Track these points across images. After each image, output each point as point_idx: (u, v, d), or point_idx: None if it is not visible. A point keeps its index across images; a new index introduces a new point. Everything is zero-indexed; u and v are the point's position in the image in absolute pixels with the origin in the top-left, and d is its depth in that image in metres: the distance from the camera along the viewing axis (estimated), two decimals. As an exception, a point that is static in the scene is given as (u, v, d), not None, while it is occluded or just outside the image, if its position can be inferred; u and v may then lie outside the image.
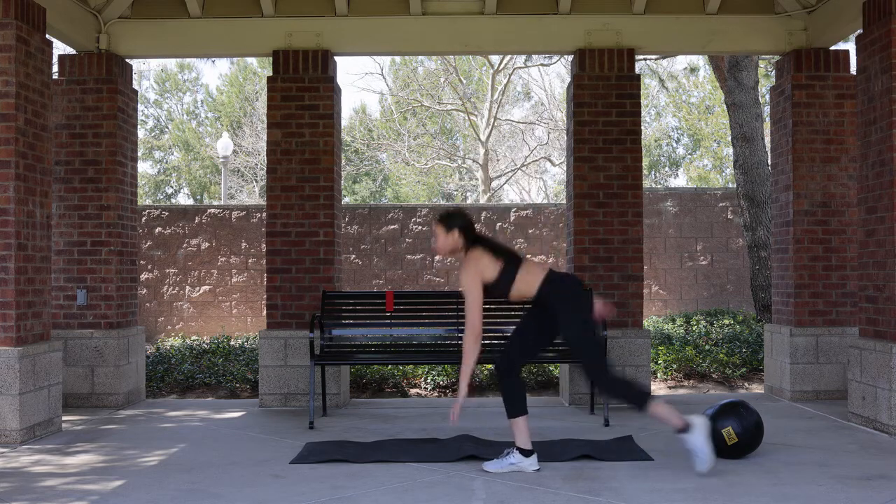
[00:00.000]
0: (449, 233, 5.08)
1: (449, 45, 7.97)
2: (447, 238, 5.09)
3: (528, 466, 4.97)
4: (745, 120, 10.56)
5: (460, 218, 5.12)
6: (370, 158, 29.56)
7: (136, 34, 7.65)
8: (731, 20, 7.64)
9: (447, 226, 5.09)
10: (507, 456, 5.00)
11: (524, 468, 4.96)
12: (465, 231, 5.09)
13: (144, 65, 31.03)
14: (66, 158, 7.47)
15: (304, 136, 7.53)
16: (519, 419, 5.01)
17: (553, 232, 12.85)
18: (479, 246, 5.05)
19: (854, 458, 5.26)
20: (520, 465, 4.97)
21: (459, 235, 5.08)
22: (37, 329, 6.17)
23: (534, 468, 4.97)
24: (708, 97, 28.21)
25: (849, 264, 7.57)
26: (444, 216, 5.14)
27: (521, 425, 5.01)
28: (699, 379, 8.97)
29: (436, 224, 5.17)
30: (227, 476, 4.92)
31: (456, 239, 5.08)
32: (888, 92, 5.97)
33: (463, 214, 5.16)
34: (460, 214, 5.15)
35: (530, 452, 5.00)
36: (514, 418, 5.01)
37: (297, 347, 7.43)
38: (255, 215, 12.87)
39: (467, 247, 5.07)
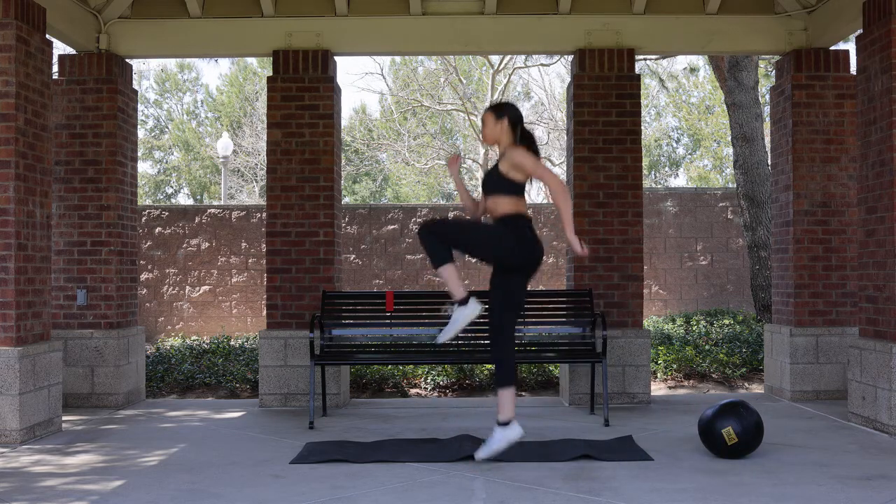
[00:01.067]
0: (498, 121, 5.12)
1: (449, 45, 7.97)
2: (495, 126, 5.13)
3: (512, 435, 5.02)
4: (745, 120, 10.56)
5: (512, 109, 5.15)
6: (370, 158, 29.56)
7: (136, 34, 7.65)
8: (731, 20, 7.64)
9: (497, 114, 5.13)
10: (490, 439, 5.07)
11: (510, 438, 5.02)
12: (515, 124, 5.12)
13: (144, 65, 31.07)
14: (66, 158, 7.47)
15: (304, 136, 7.53)
16: (509, 390, 5.05)
17: (553, 232, 12.85)
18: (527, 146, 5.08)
19: (854, 458, 5.26)
20: (505, 437, 5.02)
21: (508, 126, 5.11)
22: (37, 329, 6.17)
23: (518, 433, 5.03)
24: (708, 97, 28.22)
25: (849, 264, 7.57)
26: (496, 104, 5.19)
27: (510, 395, 5.05)
28: (699, 379, 8.97)
29: (486, 112, 5.19)
30: (227, 476, 4.92)
31: (504, 128, 5.12)
32: (888, 92, 5.97)
33: (514, 106, 5.18)
34: (512, 106, 5.18)
35: (508, 421, 5.04)
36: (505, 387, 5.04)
37: (297, 347, 7.43)
38: (255, 215, 12.87)
39: (513, 141, 5.10)
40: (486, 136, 5.18)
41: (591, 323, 6.86)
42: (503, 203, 5.10)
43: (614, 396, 7.39)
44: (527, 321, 7.01)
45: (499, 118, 5.13)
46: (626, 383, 7.44)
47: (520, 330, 7.12)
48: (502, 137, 5.14)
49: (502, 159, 5.10)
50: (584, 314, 6.99)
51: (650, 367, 8.18)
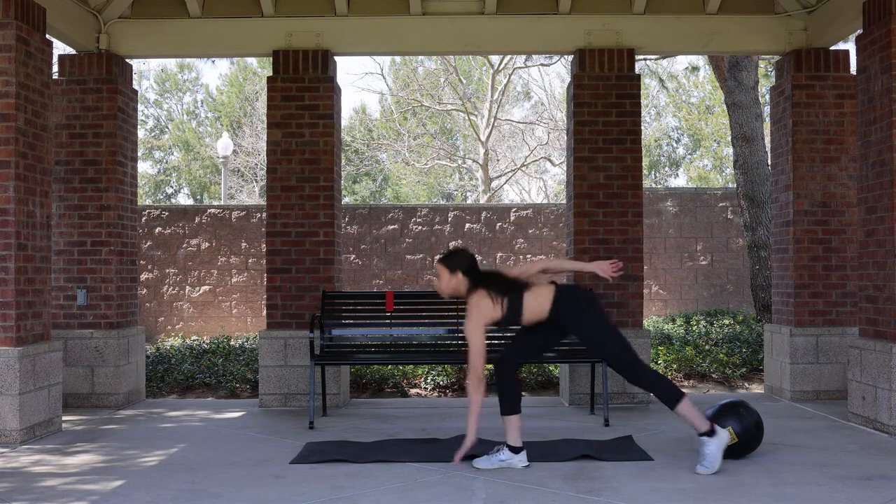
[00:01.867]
0: (452, 274, 5.08)
1: (449, 45, 7.97)
2: (451, 279, 5.08)
3: (517, 463, 5.01)
4: (745, 120, 10.56)
5: (463, 259, 5.10)
6: (370, 158, 29.56)
7: (136, 34, 7.65)
8: (731, 20, 7.64)
9: (450, 267, 5.08)
10: (497, 453, 5.04)
11: (514, 464, 5.00)
12: (469, 273, 5.07)
13: (144, 65, 31.05)
14: (66, 158, 7.47)
15: (304, 136, 7.53)
16: (512, 417, 5.04)
17: (553, 232, 12.85)
18: (480, 288, 5.01)
19: (854, 458, 5.26)
20: (509, 461, 5.01)
21: (463, 277, 5.06)
22: (37, 329, 6.17)
23: (523, 464, 5.01)
24: (708, 97, 28.22)
25: (849, 264, 7.57)
26: (447, 256, 5.13)
27: (514, 423, 5.04)
28: (699, 379, 8.97)
29: (438, 265, 5.13)
30: (227, 476, 4.92)
31: (460, 280, 5.07)
32: (888, 92, 5.97)
33: (466, 254, 5.13)
34: (463, 255, 5.13)
35: (520, 449, 5.03)
36: (507, 416, 5.04)
37: (297, 347, 7.43)
38: (255, 215, 12.87)
39: (471, 288, 5.04)
40: (443, 289, 5.13)
41: (591, 323, 6.85)
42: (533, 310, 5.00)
43: (614, 396, 7.39)
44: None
45: (452, 272, 5.07)
46: (626, 383, 7.43)
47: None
48: (460, 288, 5.09)
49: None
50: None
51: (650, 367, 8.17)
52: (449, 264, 5.09)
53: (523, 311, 5.00)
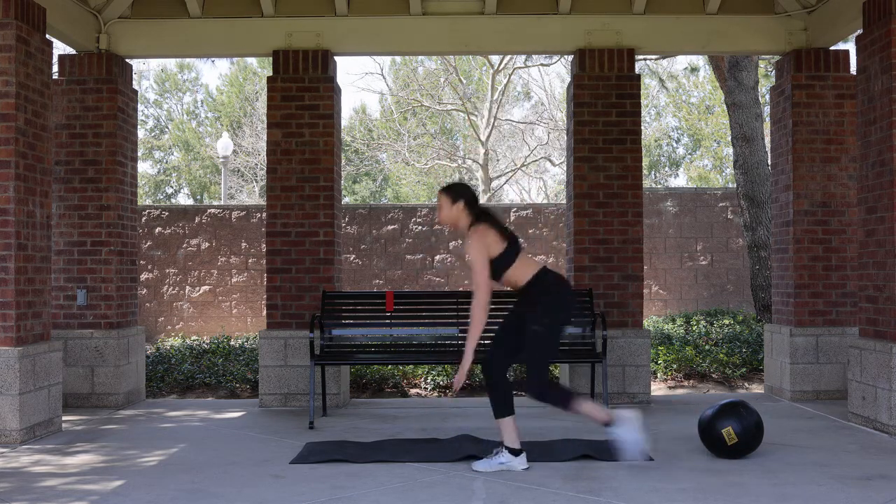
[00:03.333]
0: (454, 204, 5.10)
1: (449, 45, 7.97)
2: (452, 209, 5.11)
3: (517, 465, 4.98)
4: (745, 120, 10.56)
5: (465, 189, 5.14)
6: (370, 158, 29.56)
7: (136, 34, 7.65)
8: (731, 20, 7.64)
9: (452, 196, 5.11)
10: (496, 455, 5.01)
11: (514, 467, 4.97)
12: (470, 204, 5.10)
13: (144, 65, 31.05)
14: (66, 158, 7.47)
15: (304, 136, 7.53)
16: (507, 419, 5.01)
17: (553, 232, 12.85)
18: (485, 221, 5.04)
19: (854, 458, 5.26)
20: (509, 464, 4.98)
21: (464, 207, 5.09)
22: (37, 329, 6.17)
23: (523, 467, 4.98)
24: (708, 97, 28.21)
25: (849, 264, 7.57)
26: (450, 187, 5.17)
27: (509, 425, 5.01)
28: (699, 379, 8.97)
29: (440, 194, 5.17)
30: (227, 476, 4.92)
31: (461, 210, 5.10)
32: (888, 92, 5.97)
33: (467, 186, 5.19)
34: (465, 186, 5.18)
35: (519, 451, 5.01)
36: (501, 419, 5.02)
37: (297, 347, 7.43)
38: (255, 215, 12.87)
39: (472, 220, 5.07)
40: (443, 218, 5.15)
41: (591, 323, 6.86)
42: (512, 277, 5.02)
43: (614, 396, 7.39)
44: (527, 321, 7.01)
45: (454, 201, 5.10)
46: (626, 383, 7.44)
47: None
48: (460, 219, 5.11)
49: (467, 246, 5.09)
50: (584, 314, 6.98)
51: (650, 367, 8.18)
52: (451, 193, 5.12)
53: (511, 267, 4.98)
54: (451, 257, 12.80)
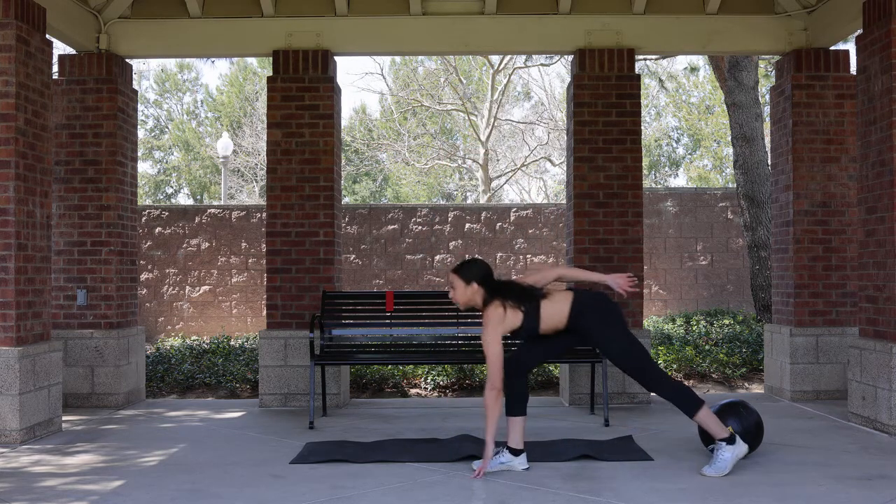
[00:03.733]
0: (468, 286, 4.95)
1: (449, 45, 7.96)
2: (465, 290, 4.95)
3: (518, 465, 4.98)
4: (745, 120, 10.56)
5: (477, 268, 4.98)
6: (370, 158, 29.56)
7: (136, 34, 7.65)
8: (731, 20, 7.64)
9: (465, 278, 4.95)
10: (497, 455, 5.00)
11: (514, 467, 4.97)
12: (484, 283, 4.95)
13: (144, 65, 31.05)
14: (66, 158, 7.47)
15: (304, 136, 7.53)
16: (517, 418, 5.01)
17: (553, 232, 12.85)
18: (497, 298, 4.90)
19: (854, 458, 5.26)
20: (510, 463, 4.98)
21: (478, 287, 4.95)
22: (37, 329, 6.17)
23: (523, 467, 4.98)
24: (708, 97, 28.21)
25: (849, 264, 7.57)
26: (462, 267, 5.00)
27: (518, 425, 5.01)
28: (699, 379, 8.97)
29: (453, 275, 5.01)
30: (227, 476, 4.92)
31: (475, 290, 4.95)
32: (888, 92, 5.97)
33: (480, 264, 5.01)
34: (478, 265, 5.00)
35: (520, 451, 5.01)
36: (512, 416, 5.01)
37: (297, 347, 7.43)
38: (255, 215, 12.87)
39: (487, 299, 4.94)
40: (458, 300, 5.01)
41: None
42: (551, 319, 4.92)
43: (614, 396, 7.39)
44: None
45: (468, 283, 4.95)
46: (626, 383, 7.44)
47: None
48: (476, 298, 4.97)
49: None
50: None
51: (650, 367, 8.17)
52: (463, 275, 4.96)
53: (541, 321, 4.90)
54: (451, 257, 12.79)
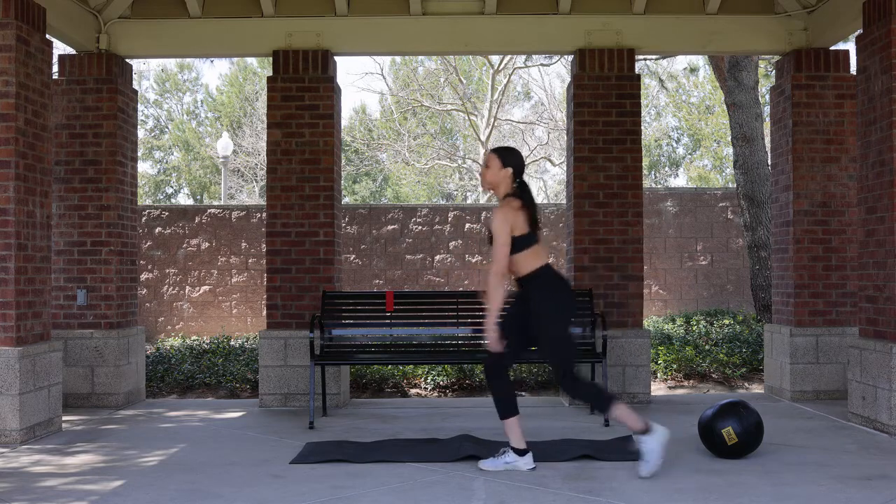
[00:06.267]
0: (503, 168, 5.01)
1: (449, 45, 7.97)
2: (499, 172, 5.01)
3: (523, 465, 4.99)
4: (745, 120, 10.56)
5: (518, 158, 5.06)
6: (370, 158, 29.56)
7: (136, 34, 7.65)
8: (731, 20, 7.64)
9: (503, 160, 5.02)
10: (502, 455, 5.02)
11: (519, 467, 4.98)
12: (517, 174, 5.03)
13: (144, 65, 31.04)
14: (66, 158, 7.47)
15: (304, 136, 7.53)
16: (511, 419, 5.02)
17: (553, 232, 12.85)
18: (521, 199, 4.97)
19: (854, 458, 5.26)
20: (515, 464, 4.99)
21: (511, 175, 5.02)
22: (37, 329, 6.17)
23: (529, 467, 4.99)
24: (708, 97, 28.21)
25: (849, 264, 7.57)
26: (504, 149, 5.09)
27: (514, 425, 5.02)
28: (699, 379, 8.97)
29: (492, 153, 5.07)
30: (227, 476, 4.92)
31: (507, 175, 5.01)
32: (888, 92, 5.97)
33: (521, 156, 5.10)
34: (519, 155, 5.09)
35: (525, 451, 5.02)
36: (506, 419, 5.02)
37: (297, 347, 7.43)
38: (255, 215, 12.87)
39: (510, 191, 5.01)
40: (487, 178, 5.06)
41: (591, 323, 6.87)
42: (521, 261, 4.97)
43: (614, 396, 7.39)
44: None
45: (504, 165, 5.01)
46: (626, 383, 7.44)
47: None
48: (501, 185, 5.04)
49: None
50: (583, 314, 6.98)
51: (650, 367, 8.18)
52: (503, 156, 5.03)
53: (523, 252, 4.93)
54: (451, 257, 12.79)
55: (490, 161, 5.06)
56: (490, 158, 5.07)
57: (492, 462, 5.02)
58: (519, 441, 5.02)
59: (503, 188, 5.04)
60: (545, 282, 4.97)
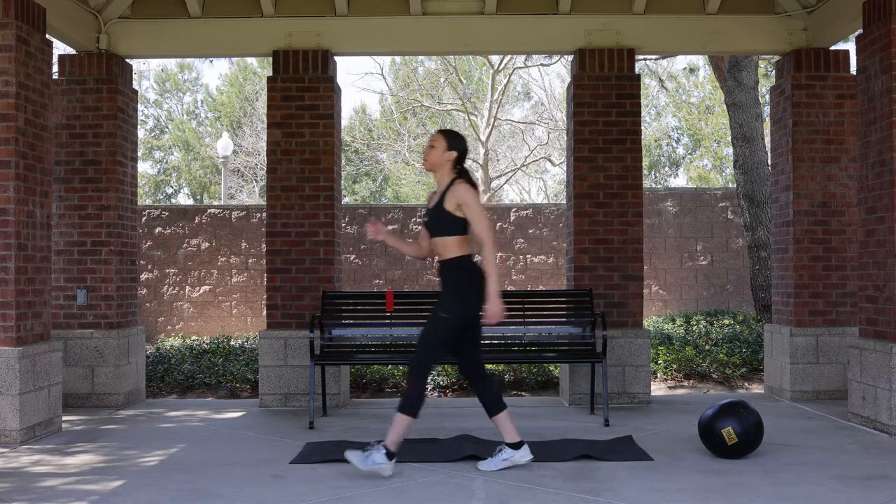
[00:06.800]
0: (448, 151, 5.04)
1: (449, 45, 7.97)
2: (443, 154, 5.03)
3: (520, 458, 5.00)
4: (745, 120, 10.56)
5: (464, 144, 5.10)
6: (370, 158, 29.55)
7: (136, 34, 7.65)
8: (731, 20, 7.64)
9: (449, 143, 5.05)
10: (499, 453, 5.03)
11: (518, 460, 4.99)
12: (460, 159, 5.07)
13: (144, 65, 31.02)
14: (66, 158, 7.47)
15: (304, 136, 7.53)
16: (500, 416, 5.03)
17: (553, 232, 12.85)
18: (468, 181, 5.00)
19: (854, 458, 5.26)
20: (513, 458, 4.99)
21: (454, 159, 5.04)
22: (37, 329, 6.17)
23: (527, 458, 5.00)
24: (708, 97, 28.20)
25: (849, 264, 7.57)
26: (451, 133, 5.13)
27: (504, 420, 5.02)
28: (699, 379, 8.97)
29: (439, 134, 5.11)
30: (227, 476, 4.92)
31: (451, 158, 5.04)
32: (888, 92, 5.97)
33: (466, 143, 5.13)
34: (465, 141, 5.12)
35: (520, 444, 5.02)
36: (494, 416, 5.03)
37: (297, 347, 7.43)
38: (255, 215, 12.86)
39: (453, 175, 5.03)
40: (432, 159, 5.06)
41: (591, 323, 6.87)
42: (452, 245, 4.99)
43: (614, 396, 7.39)
44: (527, 321, 7.02)
45: (450, 147, 5.05)
46: (626, 383, 7.44)
47: (520, 330, 7.13)
48: (444, 167, 5.06)
49: (448, 195, 4.99)
50: (584, 314, 6.99)
51: (650, 367, 8.18)
52: (450, 139, 5.07)
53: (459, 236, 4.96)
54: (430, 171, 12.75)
55: (436, 141, 5.09)
56: (436, 139, 5.10)
57: (491, 462, 5.02)
58: (513, 435, 5.02)
59: (444, 171, 5.06)
60: (465, 273, 4.96)
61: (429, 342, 4.96)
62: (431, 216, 5.07)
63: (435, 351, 4.98)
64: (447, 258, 5.01)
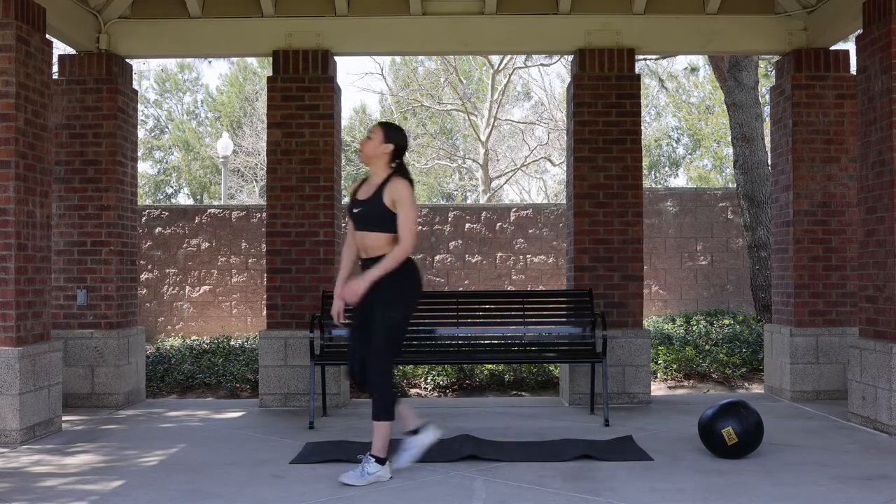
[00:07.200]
0: (385, 143, 4.96)
1: (449, 45, 7.96)
2: (380, 146, 4.95)
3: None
4: (745, 120, 10.56)
5: (402, 138, 5.03)
6: (370, 158, 29.49)
7: (136, 34, 7.65)
8: (731, 20, 7.64)
9: (387, 135, 4.98)
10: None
11: (381, 477, 4.73)
12: (397, 153, 5.00)
13: (144, 65, 31.03)
14: (66, 158, 7.47)
15: (304, 136, 7.53)
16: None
17: (553, 232, 12.85)
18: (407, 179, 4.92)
19: (854, 458, 5.26)
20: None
21: (390, 153, 4.97)
22: (37, 329, 6.17)
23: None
24: (708, 97, 28.21)
25: (849, 264, 7.57)
26: (390, 125, 5.06)
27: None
28: (699, 379, 8.97)
29: (378, 127, 5.04)
30: (227, 476, 4.92)
31: (386, 152, 4.96)
32: (888, 92, 5.97)
33: (406, 137, 5.07)
34: (404, 136, 5.06)
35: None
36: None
37: (297, 347, 7.43)
38: (255, 215, 12.87)
39: (390, 169, 4.96)
40: (368, 150, 4.98)
41: (591, 323, 6.87)
42: (384, 241, 4.89)
43: (614, 396, 7.39)
44: (527, 321, 7.02)
45: (387, 140, 4.96)
46: (626, 383, 7.44)
47: (520, 330, 7.13)
48: (380, 160, 4.97)
49: (385, 190, 4.87)
50: (584, 314, 6.99)
51: (650, 367, 8.18)
52: (388, 132, 4.99)
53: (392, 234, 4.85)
54: (451, 257, 12.79)
55: (374, 133, 5.02)
56: (374, 131, 5.03)
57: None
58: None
59: (380, 164, 4.97)
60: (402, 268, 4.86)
61: (381, 349, 4.80)
62: (365, 209, 4.92)
63: (391, 354, 4.86)
64: (378, 255, 4.88)
